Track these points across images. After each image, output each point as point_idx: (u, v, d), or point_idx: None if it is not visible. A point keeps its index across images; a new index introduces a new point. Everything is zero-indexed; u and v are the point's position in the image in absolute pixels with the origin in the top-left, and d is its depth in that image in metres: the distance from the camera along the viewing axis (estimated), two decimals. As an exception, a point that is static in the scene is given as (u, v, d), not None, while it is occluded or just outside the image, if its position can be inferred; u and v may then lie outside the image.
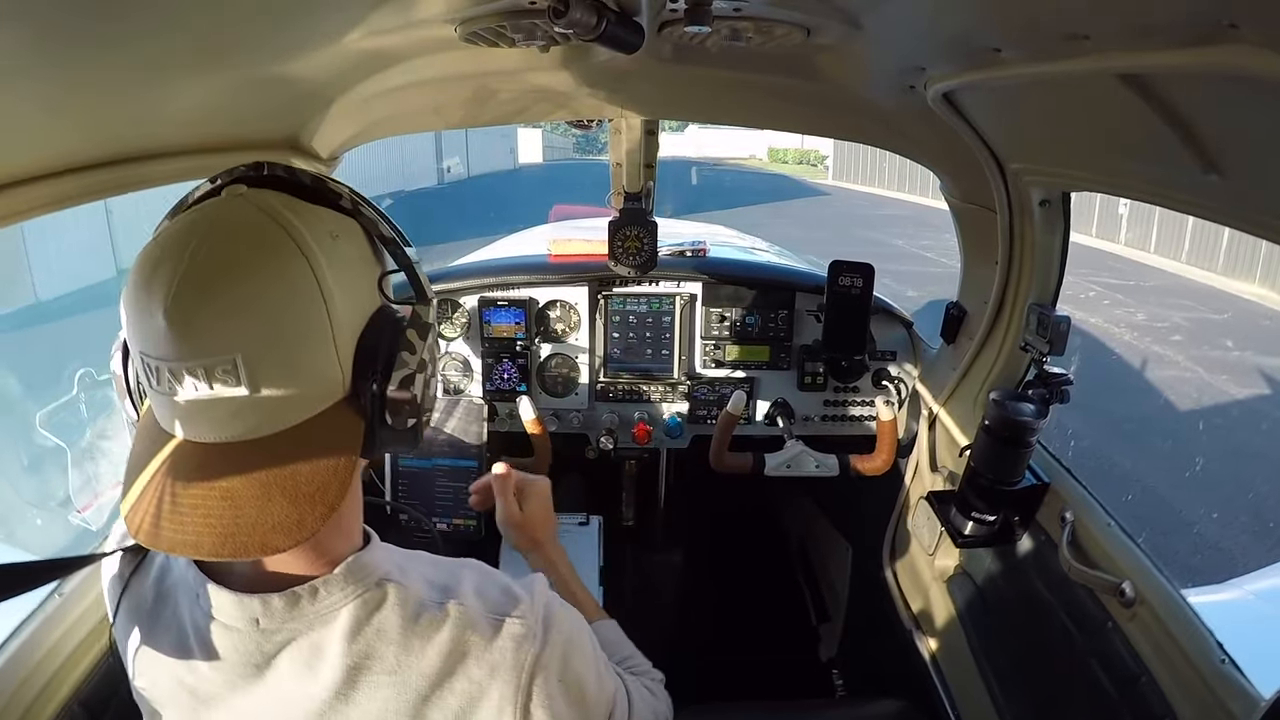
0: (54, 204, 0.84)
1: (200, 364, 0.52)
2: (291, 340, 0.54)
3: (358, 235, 0.62)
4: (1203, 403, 6.57)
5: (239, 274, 0.53)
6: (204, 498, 0.54)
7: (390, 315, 0.61)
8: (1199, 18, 0.56)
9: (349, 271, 0.59)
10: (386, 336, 0.59)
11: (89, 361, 4.79)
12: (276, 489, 0.54)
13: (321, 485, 0.55)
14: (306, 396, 0.56)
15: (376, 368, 0.58)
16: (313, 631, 0.61)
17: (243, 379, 0.52)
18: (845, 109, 1.38)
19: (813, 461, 1.73)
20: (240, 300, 0.52)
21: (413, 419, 0.61)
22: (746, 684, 2.26)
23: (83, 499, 3.44)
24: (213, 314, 0.52)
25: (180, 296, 0.51)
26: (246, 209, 0.56)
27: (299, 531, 0.54)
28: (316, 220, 0.58)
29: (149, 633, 0.66)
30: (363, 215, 0.62)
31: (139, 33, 0.65)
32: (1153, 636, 1.04)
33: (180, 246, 0.53)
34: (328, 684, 0.60)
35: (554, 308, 1.93)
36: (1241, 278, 11.27)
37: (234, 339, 0.52)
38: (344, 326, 0.57)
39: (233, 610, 0.60)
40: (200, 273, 0.52)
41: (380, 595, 0.62)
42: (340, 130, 1.33)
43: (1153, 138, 0.80)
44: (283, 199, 0.58)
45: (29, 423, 4.11)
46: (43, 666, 0.97)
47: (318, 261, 0.55)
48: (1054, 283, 1.37)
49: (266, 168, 0.61)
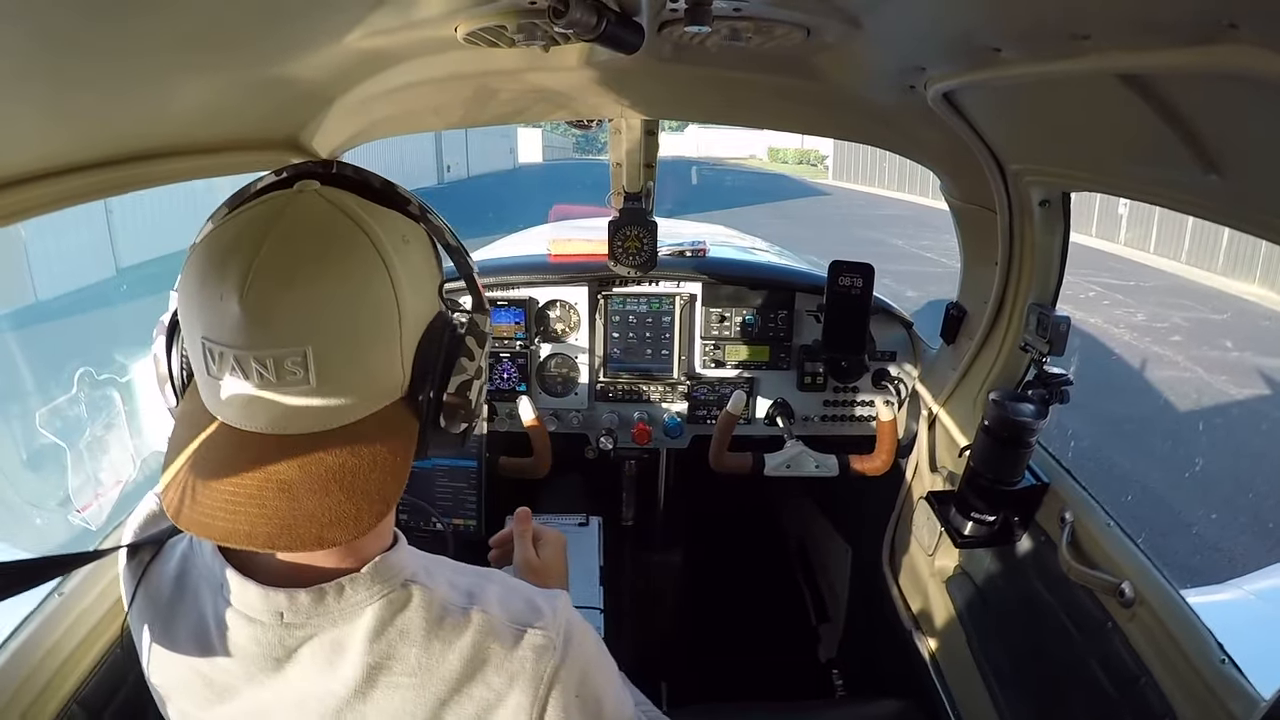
0: (54, 203, 0.84)
1: (270, 354, 0.52)
2: (362, 338, 0.55)
3: (424, 241, 0.63)
4: (1202, 403, 6.57)
5: (316, 268, 0.53)
6: (260, 488, 0.54)
7: (449, 322, 0.63)
8: (1199, 18, 0.56)
9: (417, 275, 0.59)
10: (447, 342, 0.61)
11: (89, 361, 4.79)
12: (335, 483, 0.54)
13: (379, 482, 0.56)
14: (368, 394, 0.57)
15: (435, 371, 0.59)
16: (336, 628, 0.61)
17: (310, 372, 0.53)
18: (845, 109, 1.38)
19: (812, 462, 1.73)
20: (316, 294, 0.53)
21: (465, 424, 0.62)
22: (746, 684, 2.26)
23: (82, 498, 3.44)
24: (288, 305, 0.52)
25: (256, 284, 0.51)
26: (321, 204, 0.56)
27: (356, 526, 0.54)
28: (390, 222, 0.59)
29: (168, 622, 0.66)
30: (430, 222, 0.64)
31: (139, 32, 0.65)
32: (1152, 637, 1.04)
33: (257, 235, 0.53)
34: (347, 681, 0.60)
35: (554, 307, 1.93)
36: (1241, 278, 11.28)
37: (307, 331, 0.52)
38: (410, 329, 0.58)
39: (258, 603, 0.60)
40: (277, 262, 0.52)
41: (405, 596, 0.62)
42: (340, 130, 1.33)
43: (1153, 138, 0.80)
44: (355, 198, 0.58)
45: (28, 422, 4.11)
46: (43, 666, 0.97)
47: (392, 262, 0.56)
48: (1054, 283, 1.37)
49: (336, 166, 0.62)
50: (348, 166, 0.62)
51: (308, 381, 0.53)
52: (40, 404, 3.93)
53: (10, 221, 0.79)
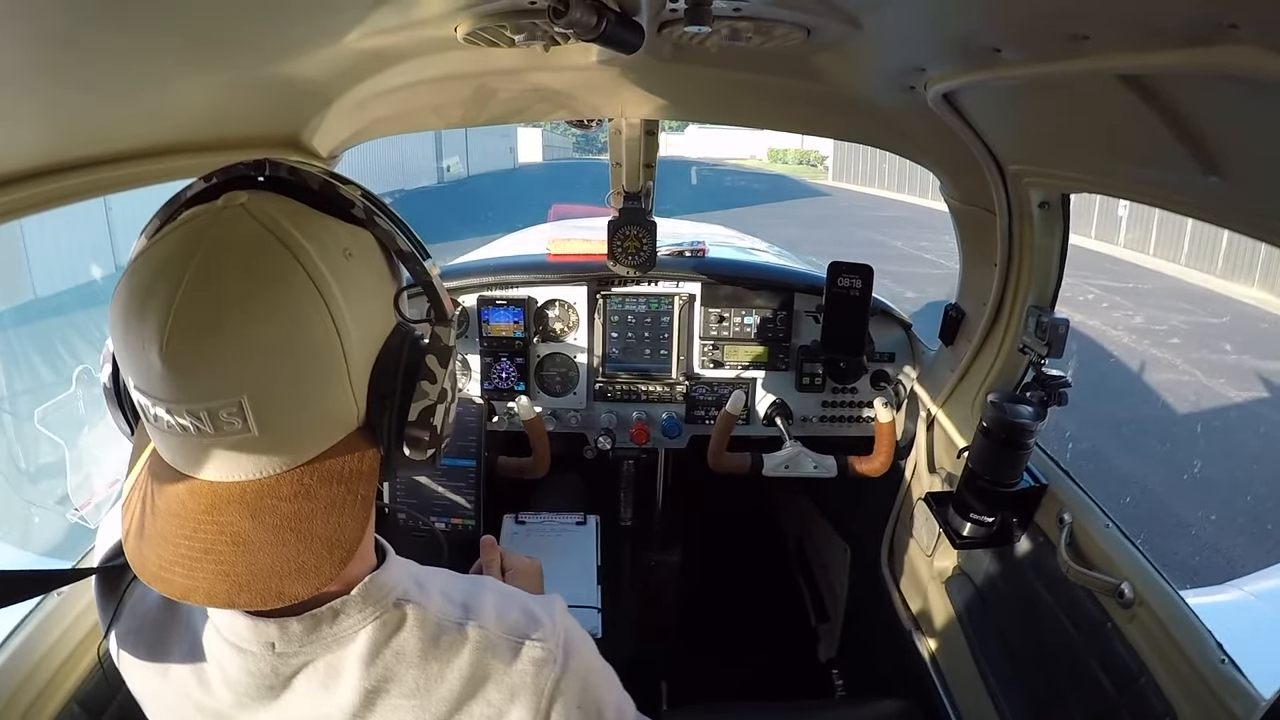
0: (54, 201, 0.84)
1: (202, 406, 0.47)
2: (302, 378, 0.50)
3: (372, 251, 0.56)
4: (1201, 406, 6.58)
5: (241, 311, 0.47)
6: (214, 542, 0.50)
7: (408, 336, 0.57)
8: (1199, 18, 0.56)
9: (364, 294, 0.54)
10: (404, 362, 0.55)
11: (88, 359, 4.78)
12: (290, 532, 0.51)
13: (337, 526, 0.52)
14: (318, 432, 0.52)
15: (394, 398, 0.54)
16: (330, 653, 0.59)
17: (249, 421, 0.48)
18: (845, 109, 1.38)
19: (811, 462, 1.74)
20: (245, 340, 0.47)
21: (432, 449, 0.58)
22: (745, 684, 2.26)
23: (80, 497, 3.43)
24: (214, 354, 0.47)
25: (177, 335, 0.46)
26: (247, 225, 0.50)
27: (316, 577, 0.51)
28: (328, 236, 0.52)
29: (155, 644, 0.64)
30: (378, 227, 0.57)
31: (140, 32, 0.65)
32: (1152, 637, 1.04)
33: (175, 271, 0.47)
34: (344, 706, 0.58)
35: (553, 307, 1.93)
36: (1240, 281, 11.28)
37: (238, 381, 0.47)
38: (359, 356, 0.53)
39: (247, 634, 0.58)
40: (198, 306, 0.47)
41: (399, 617, 0.60)
42: (340, 129, 1.33)
43: (1153, 139, 0.80)
44: (288, 209, 0.52)
45: (27, 420, 4.11)
46: (42, 666, 0.96)
47: (329, 288, 0.50)
48: (1053, 285, 1.37)
49: (269, 167, 0.55)
50: (282, 167, 0.55)
51: (249, 430, 0.48)
52: (39, 402, 3.92)
53: (10, 218, 0.80)
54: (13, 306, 7.54)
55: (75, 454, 3.49)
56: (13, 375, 5.33)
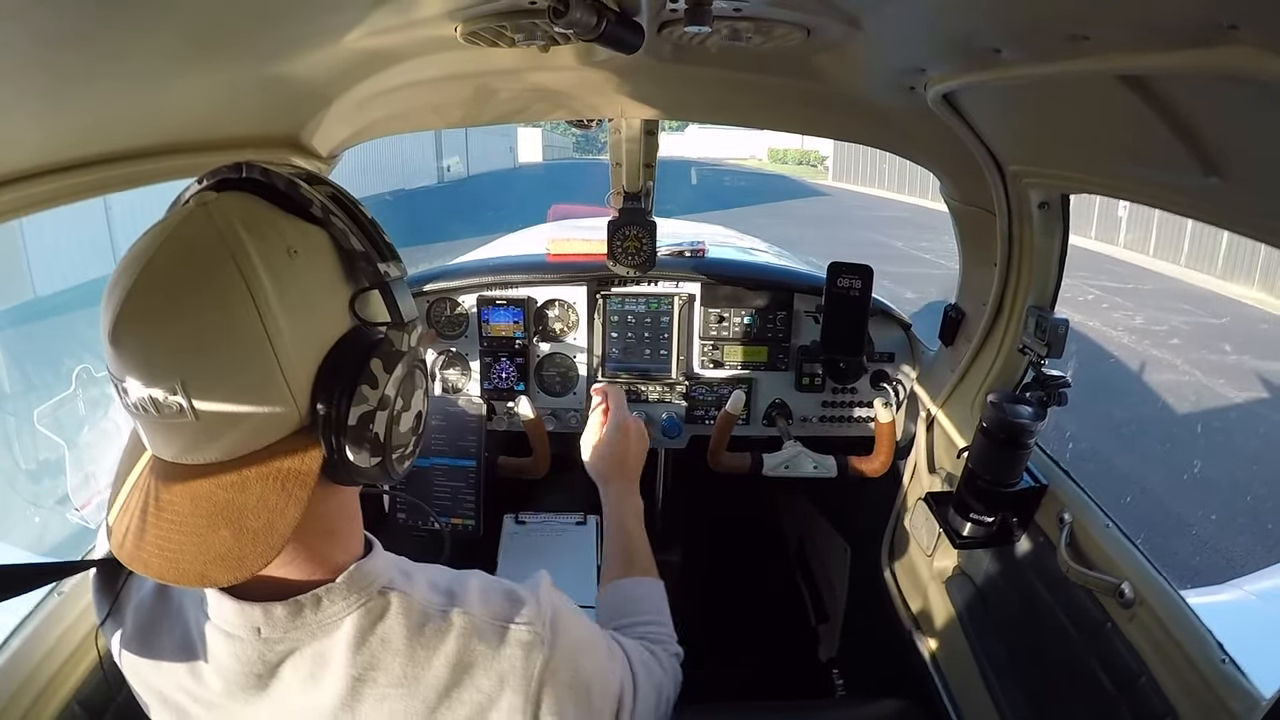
0: (53, 200, 0.84)
1: (146, 391, 0.51)
2: (230, 370, 0.52)
3: (323, 249, 0.57)
4: (1201, 406, 6.58)
5: (177, 302, 0.51)
6: (158, 520, 0.54)
7: (362, 340, 0.57)
8: (1199, 19, 0.56)
9: (307, 292, 0.55)
10: (348, 366, 0.55)
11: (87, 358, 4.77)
12: (221, 519, 0.53)
13: (266, 522, 0.53)
14: (255, 426, 0.53)
15: (333, 400, 0.54)
16: (316, 641, 0.60)
17: (185, 405, 0.51)
18: (845, 110, 1.38)
19: (811, 462, 1.74)
20: (177, 330, 0.51)
21: (376, 456, 0.58)
22: (746, 685, 2.25)
23: (81, 496, 3.43)
24: (152, 340, 0.51)
25: (123, 319, 0.50)
26: (204, 223, 0.53)
27: (239, 569, 0.52)
28: (275, 235, 0.54)
29: (149, 636, 0.65)
30: (333, 226, 0.57)
31: (139, 30, 0.65)
32: (1152, 637, 1.04)
33: (137, 262, 0.52)
34: (332, 695, 0.59)
35: (552, 307, 1.93)
36: (1240, 281, 11.29)
37: (172, 367, 0.50)
38: (294, 354, 0.53)
39: (234, 618, 0.59)
40: (144, 296, 0.51)
41: (383, 604, 0.61)
42: (340, 129, 1.33)
43: (1153, 140, 0.80)
44: (245, 209, 0.54)
45: (27, 419, 4.10)
46: (43, 666, 0.96)
47: (260, 287, 0.51)
48: (1052, 285, 1.37)
49: (244, 169, 0.57)
50: (256, 168, 0.57)
51: (185, 416, 0.51)
52: (38, 401, 3.92)
53: (10, 217, 0.79)
54: (12, 306, 7.54)
55: (75, 454, 3.49)
56: (11, 373, 5.33)
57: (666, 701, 0.83)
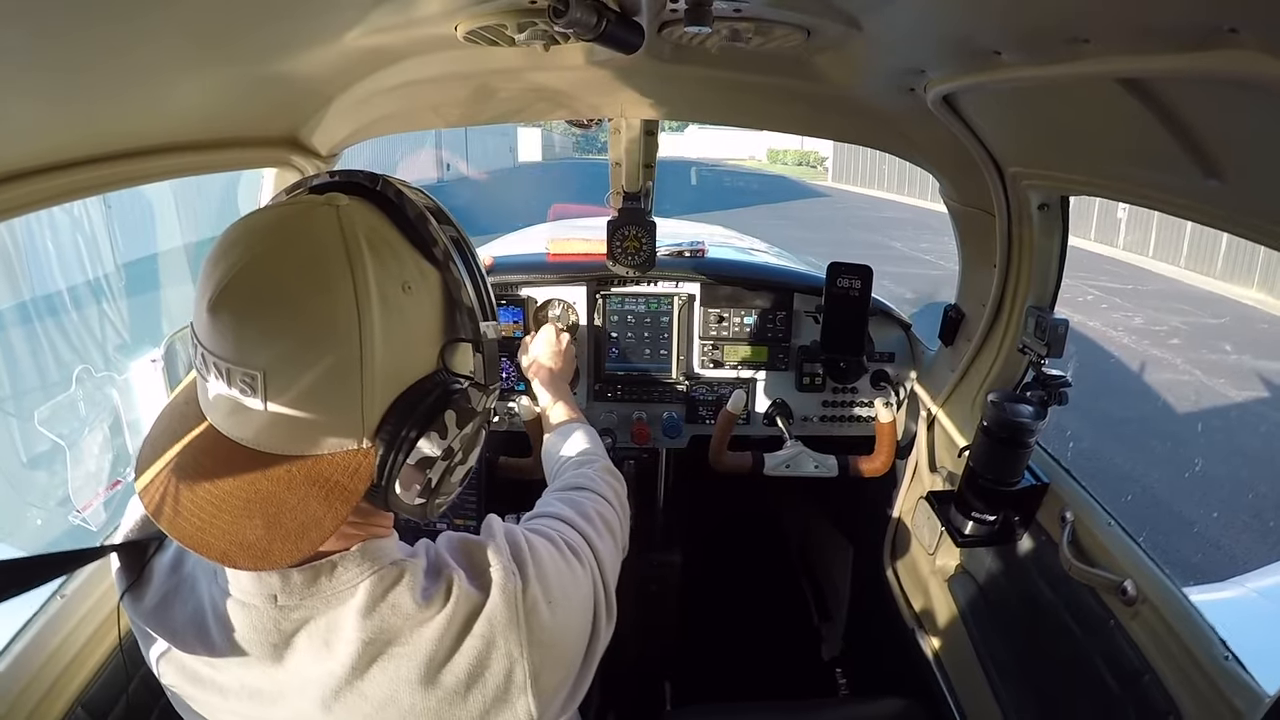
0: (53, 199, 0.84)
1: (227, 365, 0.52)
2: (316, 376, 0.53)
3: (434, 292, 0.59)
4: (1201, 405, 6.58)
5: (286, 293, 0.52)
6: (194, 491, 0.55)
7: (440, 386, 0.59)
8: (1199, 22, 0.56)
9: (407, 327, 0.57)
10: (423, 410, 0.57)
11: (87, 359, 4.77)
12: (258, 508, 0.54)
13: (299, 527, 0.54)
14: (320, 433, 0.55)
15: (399, 438, 0.56)
16: (331, 610, 0.61)
17: (259, 393, 0.52)
18: (845, 111, 1.38)
19: (812, 462, 1.74)
20: (278, 321, 0.52)
21: (421, 499, 0.60)
22: (748, 684, 2.26)
23: (82, 498, 3.43)
24: (249, 323, 0.52)
25: (227, 295, 0.52)
26: (331, 224, 0.55)
27: (263, 559, 0.53)
28: (394, 263, 0.56)
29: (166, 612, 0.66)
30: (450, 273, 0.59)
31: (139, 29, 0.65)
32: (1155, 634, 1.04)
33: (254, 241, 0.53)
34: (344, 660, 0.60)
35: (552, 306, 1.92)
36: (1240, 282, 11.29)
37: (260, 354, 0.52)
38: (379, 380, 0.55)
39: (251, 586, 0.60)
40: (254, 277, 0.52)
41: (396, 572, 0.63)
42: (340, 128, 1.33)
43: (1152, 142, 0.80)
44: (374, 226, 0.56)
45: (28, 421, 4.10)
46: (46, 670, 0.96)
47: (369, 309, 0.53)
48: (1052, 286, 1.37)
49: (381, 183, 0.59)
50: (392, 187, 0.59)
51: (257, 401, 0.53)
52: (39, 403, 3.92)
53: (9, 216, 0.79)
54: (12, 305, 7.53)
55: (76, 455, 3.49)
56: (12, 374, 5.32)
57: (622, 508, 0.94)
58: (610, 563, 0.81)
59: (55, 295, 6.73)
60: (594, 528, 0.82)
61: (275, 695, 0.63)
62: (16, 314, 7.18)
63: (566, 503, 0.86)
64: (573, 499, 0.88)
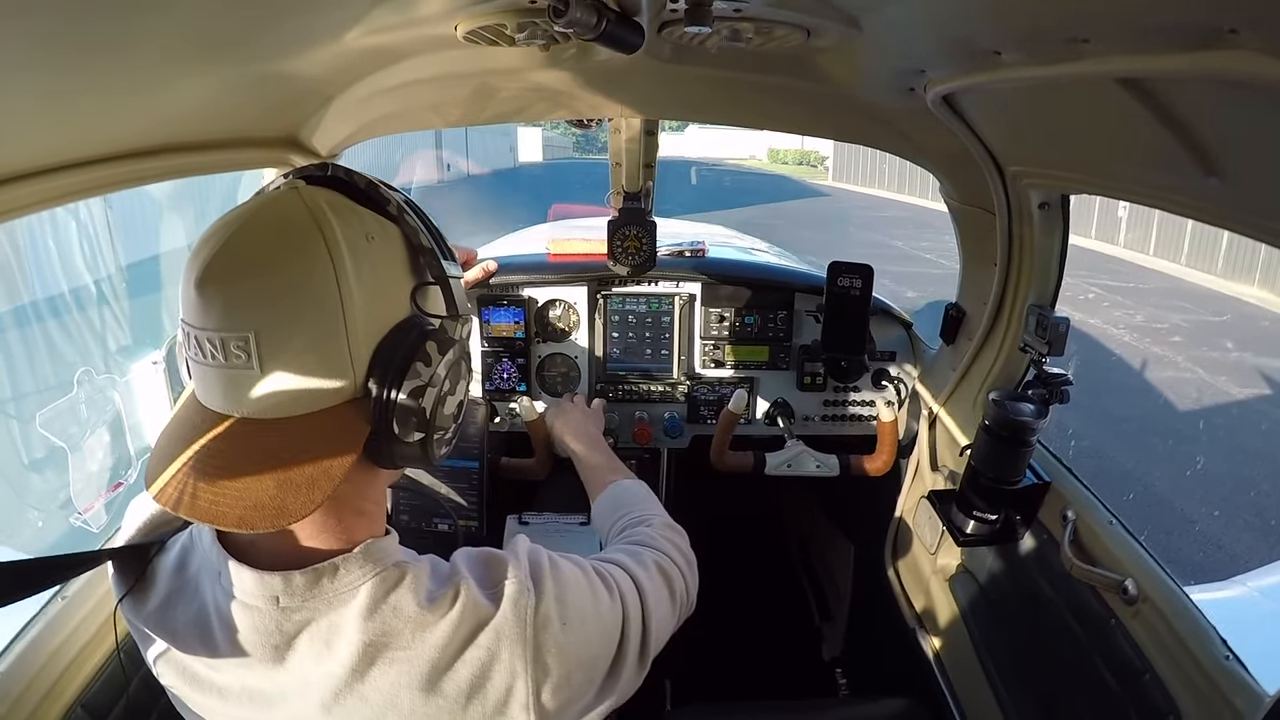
0: (53, 200, 0.84)
1: (219, 335, 0.55)
2: (304, 330, 0.56)
3: (395, 241, 0.64)
4: (1203, 403, 6.58)
5: (266, 259, 0.56)
6: (203, 471, 0.56)
7: (417, 326, 0.63)
8: (1199, 22, 0.56)
9: (378, 275, 0.61)
10: (405, 345, 0.61)
11: (88, 360, 4.77)
12: (267, 468, 0.56)
13: (312, 477, 0.56)
14: (315, 389, 0.58)
15: (388, 374, 0.59)
16: (332, 612, 0.61)
17: (254, 357, 0.55)
18: (845, 110, 1.38)
19: (813, 461, 1.74)
20: (261, 284, 0.56)
21: (420, 433, 0.62)
22: (750, 683, 2.26)
23: (84, 500, 3.43)
24: (236, 290, 0.55)
25: (211, 269, 0.55)
26: (294, 202, 0.59)
27: (280, 516, 0.55)
28: (357, 221, 0.61)
29: (169, 614, 0.67)
30: (405, 223, 0.64)
31: (138, 29, 0.65)
32: (1156, 633, 1.04)
33: (228, 226, 0.58)
34: (345, 662, 0.60)
35: (553, 307, 1.93)
36: (1241, 280, 11.27)
37: (250, 318, 0.55)
38: (361, 327, 0.59)
39: (253, 588, 0.61)
40: (234, 251, 0.56)
41: (398, 574, 0.64)
42: (340, 128, 1.33)
43: (1152, 141, 0.80)
44: (332, 197, 0.61)
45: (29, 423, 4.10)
46: (46, 671, 0.96)
47: (341, 260, 0.57)
48: (1053, 284, 1.37)
49: (330, 168, 0.64)
50: (340, 169, 0.65)
51: (252, 366, 0.55)
52: (40, 404, 3.92)
53: (9, 217, 0.79)
54: (12, 307, 7.53)
55: (78, 457, 3.49)
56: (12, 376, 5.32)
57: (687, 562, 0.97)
58: (659, 610, 0.82)
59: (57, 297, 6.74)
60: (647, 573, 0.84)
61: (275, 697, 0.63)
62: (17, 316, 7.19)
63: (625, 552, 0.89)
64: (632, 550, 0.90)
